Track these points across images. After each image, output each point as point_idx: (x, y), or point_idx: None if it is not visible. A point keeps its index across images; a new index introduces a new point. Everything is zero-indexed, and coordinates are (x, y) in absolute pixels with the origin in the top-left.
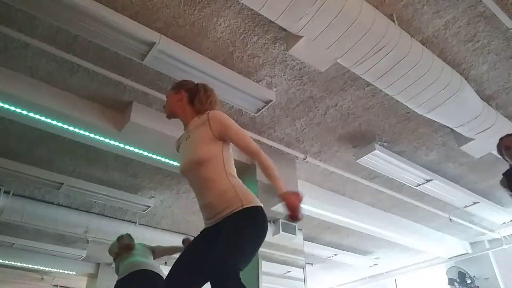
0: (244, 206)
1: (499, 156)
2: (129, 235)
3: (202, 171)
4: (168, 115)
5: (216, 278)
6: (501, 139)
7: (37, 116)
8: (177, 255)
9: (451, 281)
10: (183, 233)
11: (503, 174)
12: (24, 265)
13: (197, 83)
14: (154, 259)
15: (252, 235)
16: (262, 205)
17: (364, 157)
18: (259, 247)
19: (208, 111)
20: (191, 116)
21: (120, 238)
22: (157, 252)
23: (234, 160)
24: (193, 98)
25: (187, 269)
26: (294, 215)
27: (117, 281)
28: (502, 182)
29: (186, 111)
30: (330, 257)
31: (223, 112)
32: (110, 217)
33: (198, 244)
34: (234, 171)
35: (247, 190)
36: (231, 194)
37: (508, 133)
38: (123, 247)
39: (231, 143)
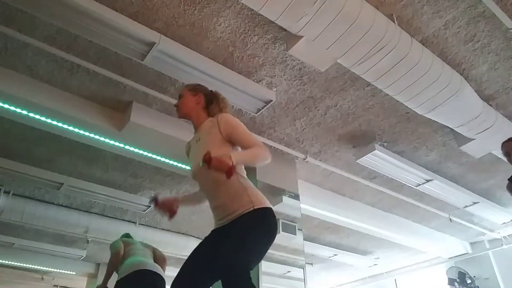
0: (255, 207)
1: (504, 157)
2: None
3: (213, 173)
4: (182, 115)
5: (227, 277)
6: (502, 144)
7: (37, 116)
8: (179, 258)
9: (451, 281)
10: (183, 233)
11: (509, 180)
12: (24, 265)
13: (211, 90)
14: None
15: (262, 235)
16: (272, 207)
17: (364, 157)
18: (268, 247)
19: (218, 114)
20: (203, 119)
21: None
22: (156, 257)
23: None
24: (209, 104)
25: (198, 268)
26: (209, 165)
27: (117, 281)
28: (509, 188)
29: (200, 115)
30: (330, 257)
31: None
32: (110, 217)
33: (208, 244)
34: (244, 172)
35: (257, 192)
36: (242, 196)
37: (510, 137)
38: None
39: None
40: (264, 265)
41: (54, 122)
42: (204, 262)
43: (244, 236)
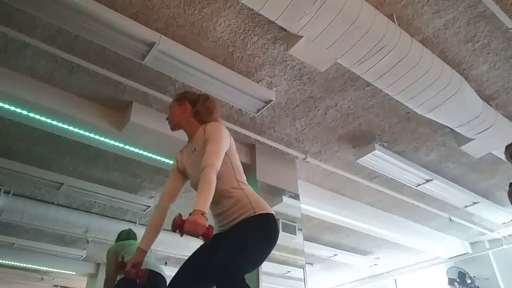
0: (256, 213)
1: (507, 160)
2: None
3: (216, 185)
4: (173, 127)
5: (222, 280)
6: (506, 147)
7: (37, 116)
8: (180, 257)
9: (451, 281)
10: None
11: (510, 185)
12: (24, 265)
13: (200, 94)
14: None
15: (262, 241)
16: (273, 212)
17: (364, 157)
18: (268, 253)
19: (207, 123)
20: (196, 127)
21: (130, 232)
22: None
23: None
24: (197, 110)
25: (195, 271)
26: (182, 231)
27: (118, 281)
28: (510, 194)
29: (191, 123)
30: (330, 257)
31: (223, 115)
32: (110, 217)
33: (207, 248)
34: (244, 178)
35: (258, 197)
36: (244, 202)
37: None
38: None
39: (232, 149)
40: (264, 265)
41: (54, 122)
42: (202, 265)
43: (243, 240)
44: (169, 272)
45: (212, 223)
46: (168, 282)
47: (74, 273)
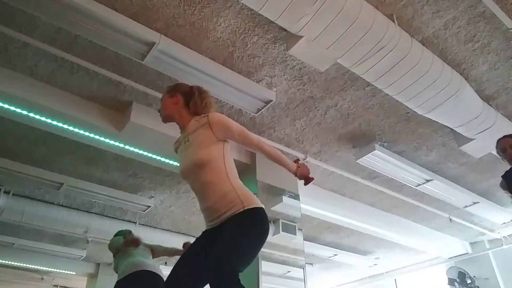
0: (246, 208)
1: (498, 156)
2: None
3: (204, 174)
4: (164, 119)
5: (215, 279)
6: (498, 140)
7: (37, 116)
8: (176, 258)
9: (451, 281)
10: (183, 233)
11: (502, 177)
12: (24, 265)
13: (192, 86)
14: (153, 258)
15: (253, 236)
16: (263, 206)
17: (364, 157)
18: (260, 248)
19: (206, 114)
20: (188, 119)
21: (127, 233)
22: (157, 251)
23: (234, 160)
24: (188, 101)
25: (188, 270)
26: (308, 180)
27: (117, 282)
28: (501, 185)
29: (183, 115)
30: (330, 257)
31: (222, 113)
32: (110, 217)
33: (199, 246)
34: (235, 172)
35: (248, 192)
36: (232, 196)
37: (505, 135)
38: (129, 243)
39: (230, 143)
40: (264, 265)
41: (54, 122)
42: (195, 263)
43: (235, 238)
44: (167, 272)
45: None
46: None
47: (74, 273)
